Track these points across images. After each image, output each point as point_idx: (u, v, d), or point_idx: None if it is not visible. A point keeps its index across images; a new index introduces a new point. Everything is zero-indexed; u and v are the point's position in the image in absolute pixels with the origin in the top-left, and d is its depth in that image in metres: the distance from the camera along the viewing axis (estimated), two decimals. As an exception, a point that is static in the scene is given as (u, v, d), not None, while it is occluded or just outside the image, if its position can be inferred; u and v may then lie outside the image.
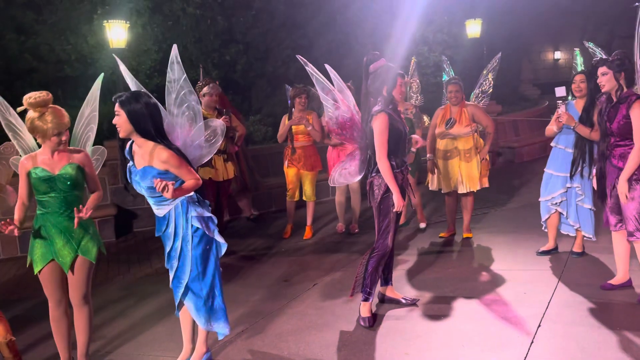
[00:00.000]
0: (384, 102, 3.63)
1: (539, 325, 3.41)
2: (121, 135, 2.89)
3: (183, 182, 2.91)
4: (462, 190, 5.34)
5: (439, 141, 5.37)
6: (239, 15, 10.25)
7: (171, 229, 3.03)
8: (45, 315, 3.22)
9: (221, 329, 3.14)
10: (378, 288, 3.97)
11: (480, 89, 6.12)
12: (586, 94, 4.38)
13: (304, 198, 6.01)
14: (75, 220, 2.95)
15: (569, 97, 4.58)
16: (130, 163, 2.98)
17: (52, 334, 3.24)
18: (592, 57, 4.97)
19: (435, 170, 5.44)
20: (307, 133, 5.78)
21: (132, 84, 3.09)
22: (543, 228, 4.85)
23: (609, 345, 3.11)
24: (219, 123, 3.21)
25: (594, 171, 4.20)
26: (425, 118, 6.34)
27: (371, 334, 3.51)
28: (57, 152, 3.05)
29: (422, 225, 6.08)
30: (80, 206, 2.98)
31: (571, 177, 4.50)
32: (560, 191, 4.60)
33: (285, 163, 5.93)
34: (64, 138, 2.99)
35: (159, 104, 2.98)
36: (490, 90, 6.09)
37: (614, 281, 3.92)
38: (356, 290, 3.74)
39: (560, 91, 4.40)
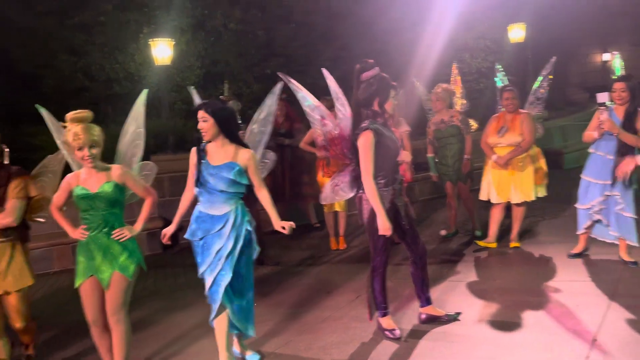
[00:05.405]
0: (372, 116, 3.47)
1: (594, 340, 3.27)
2: (207, 138, 3.17)
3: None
4: (516, 200, 5.20)
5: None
6: (279, 28, 10.40)
7: (227, 229, 3.18)
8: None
9: (251, 330, 3.36)
10: (419, 309, 3.86)
11: (535, 96, 5.91)
12: (628, 101, 4.29)
13: (336, 208, 5.97)
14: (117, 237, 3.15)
15: (609, 103, 4.45)
16: (205, 160, 3.20)
17: None
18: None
19: (488, 180, 5.32)
20: None
21: (198, 100, 3.79)
22: (578, 232, 4.77)
23: (670, 361, 2.96)
24: (273, 157, 3.81)
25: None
26: (472, 122, 6.22)
27: (416, 347, 3.45)
28: (95, 171, 3.10)
29: (478, 232, 5.91)
30: (124, 229, 3.19)
31: (613, 184, 4.36)
32: (599, 199, 4.50)
33: (321, 173, 5.91)
34: (86, 153, 3.01)
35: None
36: (545, 96, 5.88)
37: (674, 293, 3.72)
38: (373, 312, 3.69)
39: (602, 97, 4.29)
